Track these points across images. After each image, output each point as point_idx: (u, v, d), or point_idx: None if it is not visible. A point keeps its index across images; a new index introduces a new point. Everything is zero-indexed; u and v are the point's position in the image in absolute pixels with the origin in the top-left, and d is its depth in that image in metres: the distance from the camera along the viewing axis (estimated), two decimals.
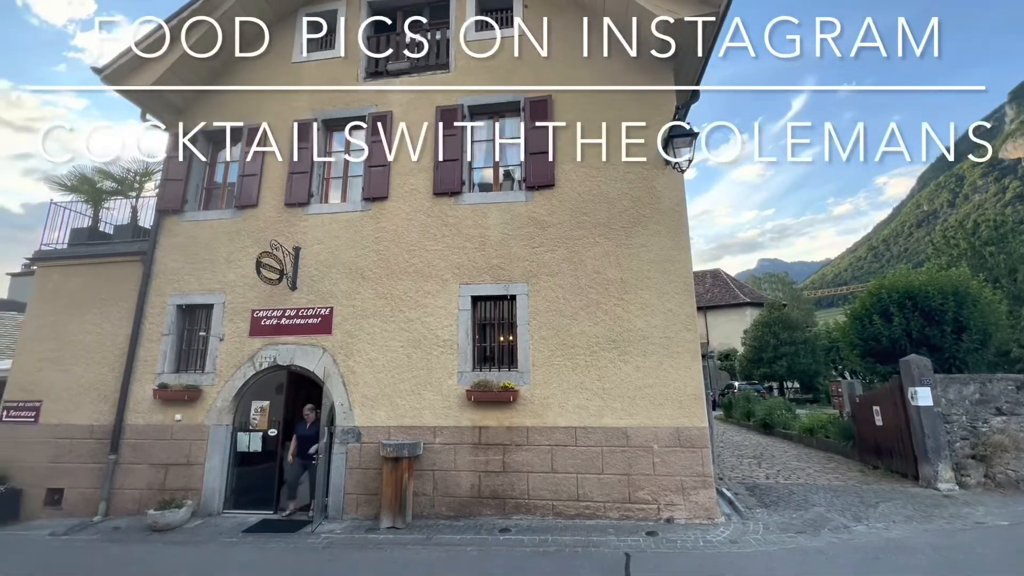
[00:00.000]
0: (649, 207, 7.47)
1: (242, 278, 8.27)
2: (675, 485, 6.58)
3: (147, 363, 8.18)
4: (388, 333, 7.69)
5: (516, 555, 5.45)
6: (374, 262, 8.00)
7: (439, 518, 6.89)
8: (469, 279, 7.69)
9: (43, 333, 8.64)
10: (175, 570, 5.30)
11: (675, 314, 7.08)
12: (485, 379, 7.22)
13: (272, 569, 5.22)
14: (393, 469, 6.79)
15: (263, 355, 7.92)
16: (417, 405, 7.37)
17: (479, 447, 7.09)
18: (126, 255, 8.75)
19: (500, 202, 7.90)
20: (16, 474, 7.98)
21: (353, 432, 7.41)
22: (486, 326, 7.71)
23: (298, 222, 8.39)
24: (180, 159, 8.92)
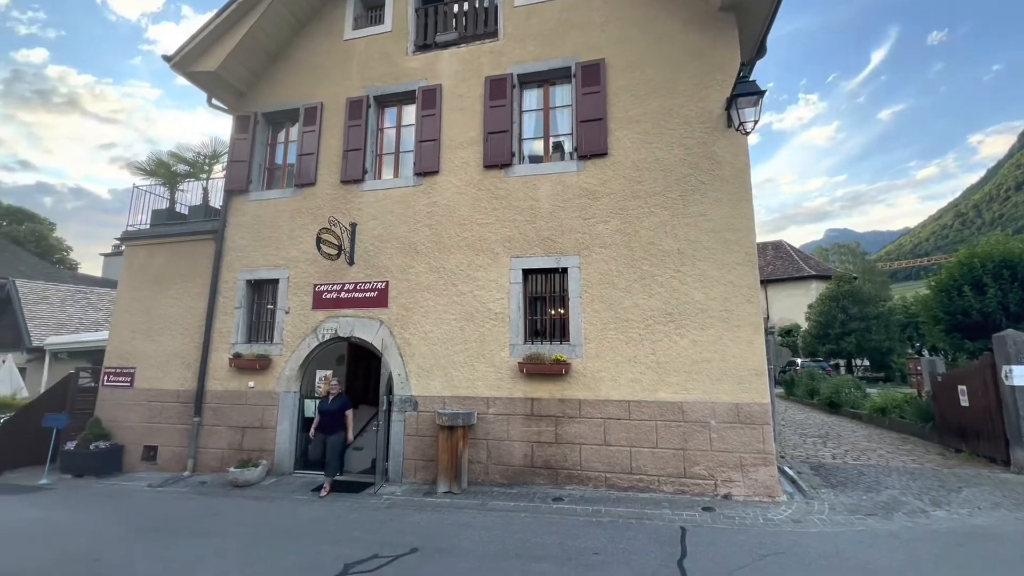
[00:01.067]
0: (709, 174, 7.08)
1: (304, 254, 8.65)
2: (733, 461, 6.40)
3: (222, 334, 8.81)
4: (441, 306, 7.84)
5: (569, 523, 5.52)
6: (427, 237, 8.12)
7: (493, 485, 7.09)
8: (520, 252, 7.66)
9: (133, 306, 9.49)
10: (256, 522, 5.78)
11: (736, 286, 6.74)
12: (537, 352, 7.24)
13: (340, 525, 5.58)
14: (448, 437, 7.01)
15: (325, 327, 8.31)
16: (470, 376, 7.52)
17: (532, 418, 7.18)
18: (200, 234, 9.37)
19: (551, 173, 7.75)
20: (118, 432, 8.93)
21: (410, 401, 7.69)
22: (537, 299, 7.69)
23: (354, 199, 8.62)
24: (243, 140, 9.34)
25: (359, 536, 5.14)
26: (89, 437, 8.62)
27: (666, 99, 7.42)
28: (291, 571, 4.26)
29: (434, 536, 5.12)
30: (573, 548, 4.73)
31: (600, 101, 7.61)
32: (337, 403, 7.34)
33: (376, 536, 5.14)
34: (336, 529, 5.42)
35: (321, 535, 5.21)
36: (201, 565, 4.44)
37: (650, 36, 7.65)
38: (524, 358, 7.24)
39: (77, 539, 5.23)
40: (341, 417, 7.28)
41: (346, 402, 7.40)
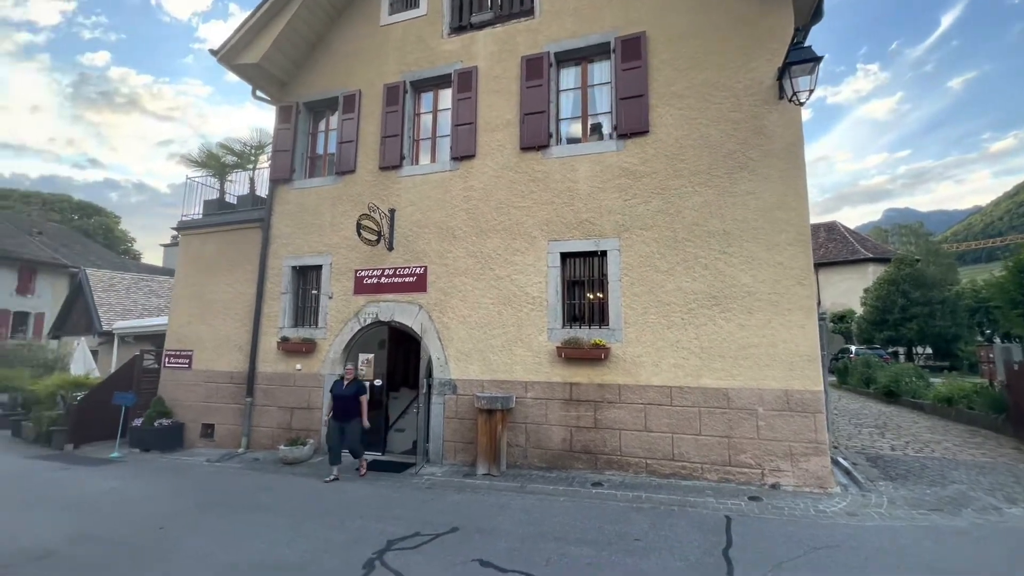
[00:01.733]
0: (758, 149, 6.70)
1: (345, 240, 8.84)
2: (782, 450, 6.13)
3: (271, 318, 9.16)
4: (479, 291, 7.85)
5: (609, 508, 5.45)
6: (464, 221, 8.11)
7: (532, 468, 7.10)
8: (558, 235, 7.53)
9: (189, 292, 10.00)
10: (305, 498, 6.02)
11: (787, 268, 6.40)
12: (575, 336, 7.14)
13: (383, 503, 5.73)
14: (487, 420, 7.05)
15: (366, 311, 8.50)
16: (508, 360, 7.51)
17: (570, 403, 7.11)
18: (247, 222, 9.73)
19: (589, 153, 7.54)
20: (178, 411, 9.51)
21: (449, 384, 7.77)
22: (575, 283, 7.57)
23: (392, 185, 8.70)
24: (286, 130, 9.58)
25: (401, 514, 5.26)
26: (153, 415, 9.22)
27: (712, 72, 7.04)
28: (338, 545, 4.41)
29: (474, 516, 5.18)
30: (613, 533, 4.67)
31: (641, 76, 7.31)
32: (352, 388, 7.12)
33: (417, 514, 5.25)
34: (379, 507, 5.57)
35: (365, 512, 5.37)
36: (255, 538, 4.66)
37: (694, 5, 7.26)
38: (562, 342, 7.16)
39: (144, 508, 5.61)
40: (356, 403, 7.08)
41: (361, 387, 7.20)
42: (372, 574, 3.78)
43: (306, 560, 4.09)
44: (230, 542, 4.52)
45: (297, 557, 4.17)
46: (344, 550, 4.29)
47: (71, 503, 5.80)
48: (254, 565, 4.01)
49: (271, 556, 4.19)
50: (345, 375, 7.29)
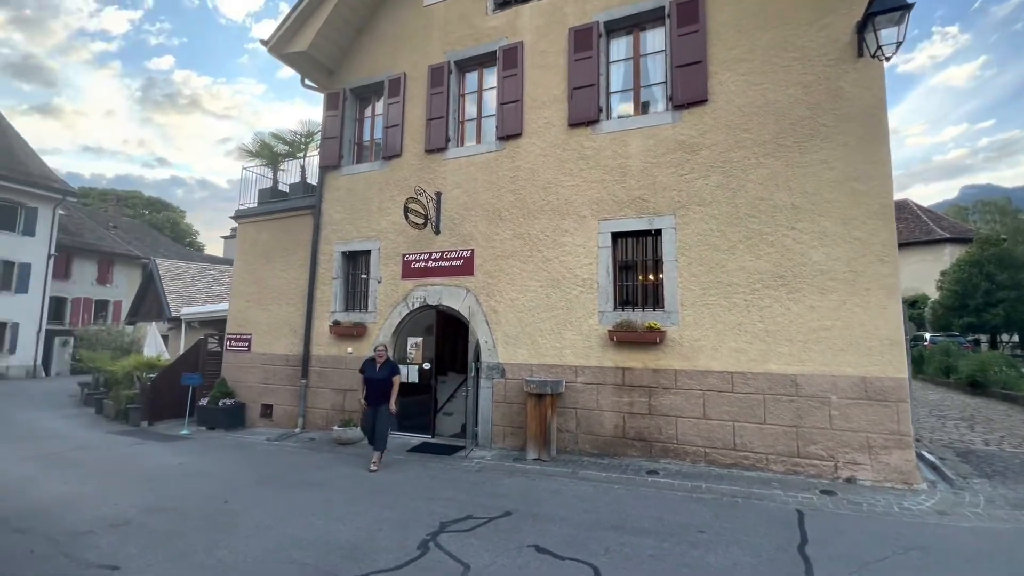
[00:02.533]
0: (832, 114, 6.11)
1: (392, 225, 8.86)
2: (859, 442, 5.64)
3: (323, 303, 9.37)
4: (527, 273, 7.67)
5: (668, 498, 5.20)
6: (510, 202, 7.93)
7: (583, 455, 6.92)
8: (609, 214, 7.22)
9: (247, 278, 10.39)
10: (358, 477, 6.10)
11: (866, 244, 5.83)
12: (628, 319, 6.85)
13: (434, 484, 5.72)
14: (537, 405, 6.91)
15: (414, 296, 8.52)
16: (558, 344, 7.32)
17: (623, 388, 6.85)
18: (299, 209, 9.95)
19: (643, 127, 7.15)
20: (240, 391, 9.95)
21: (497, 368, 7.68)
22: (628, 264, 7.25)
23: (438, 167, 8.62)
24: (334, 117, 9.69)
25: (453, 496, 5.22)
26: (217, 395, 9.68)
27: (779, 31, 6.47)
28: (392, 524, 4.40)
29: (527, 501, 5.06)
30: (674, 523, 4.43)
31: (699, 41, 6.82)
32: (385, 370, 6.62)
33: (469, 497, 5.19)
34: (431, 488, 5.55)
35: (417, 493, 5.37)
36: (312, 514, 4.73)
37: None
38: (614, 326, 6.89)
39: (210, 483, 5.85)
40: (389, 386, 6.59)
41: (394, 368, 6.71)
42: (427, 555, 3.73)
43: (360, 538, 4.11)
44: (289, 516, 4.62)
45: (352, 534, 4.19)
46: (398, 529, 4.28)
47: (145, 475, 6.14)
48: (312, 541, 4.06)
49: (328, 532, 4.23)
50: (376, 355, 6.75)
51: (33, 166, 22.65)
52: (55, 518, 4.57)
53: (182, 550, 3.88)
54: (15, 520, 4.51)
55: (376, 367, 6.67)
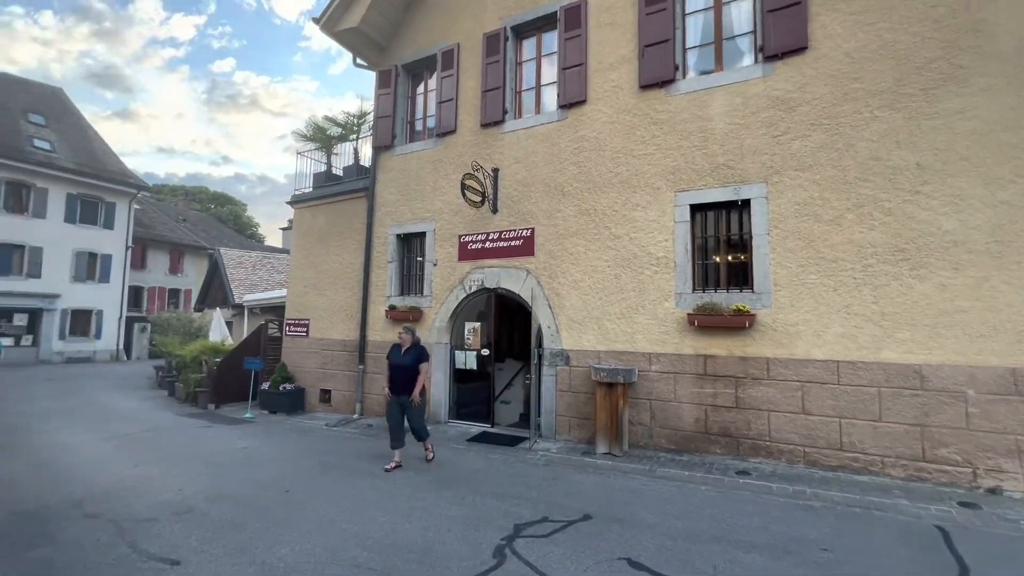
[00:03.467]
0: (972, 52, 5.07)
1: (447, 205, 8.47)
2: (1005, 446, 4.71)
3: (378, 287, 9.16)
4: (593, 252, 7.07)
5: (768, 504, 4.53)
6: (574, 176, 7.32)
7: (658, 450, 6.30)
8: (687, 185, 6.47)
9: (304, 263, 10.37)
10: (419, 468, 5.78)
11: (1016, 208, 4.82)
12: (711, 302, 6.11)
13: (501, 479, 5.31)
14: (607, 395, 6.35)
15: (471, 278, 8.11)
16: (628, 329, 6.70)
17: (704, 378, 6.16)
18: (353, 192, 9.76)
19: (727, 84, 6.32)
20: (299, 376, 9.97)
21: (561, 355, 7.16)
22: (710, 239, 6.49)
23: (494, 142, 8.12)
24: (386, 96, 9.37)
25: (523, 493, 4.77)
26: (278, 380, 9.74)
27: None
28: (461, 524, 4.01)
29: (605, 502, 4.54)
30: (786, 537, 3.77)
31: None
32: (411, 356, 5.85)
33: (541, 495, 4.73)
34: (498, 483, 5.14)
35: (483, 488, 4.96)
36: (375, 507, 4.43)
37: None
38: (695, 308, 6.18)
39: (272, 469, 5.70)
40: (415, 374, 5.79)
41: (421, 354, 5.93)
42: (505, 565, 3.29)
43: (429, 539, 3.73)
44: (351, 509, 4.32)
45: (419, 534, 3.82)
46: (469, 530, 3.87)
47: (210, 460, 6.09)
48: (377, 540, 3.72)
49: (393, 531, 3.88)
50: (401, 339, 5.97)
51: (111, 163, 24.11)
52: (123, 503, 4.49)
53: (243, 545, 3.64)
54: (88, 503, 4.47)
55: (401, 352, 5.89)
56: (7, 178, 19.95)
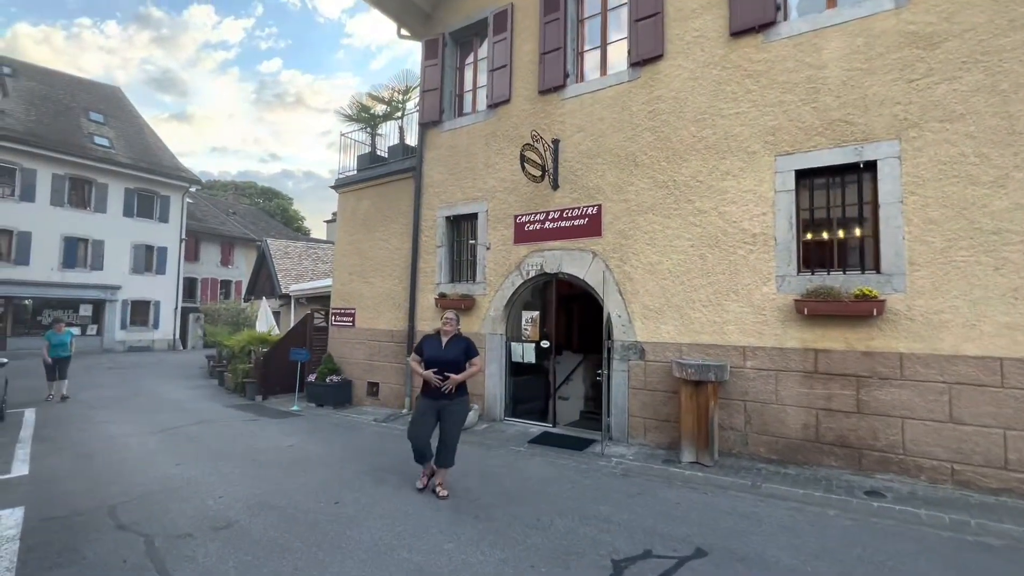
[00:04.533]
0: None
1: (501, 183, 7.71)
2: None
3: (427, 274, 8.54)
4: (672, 230, 6.14)
5: (924, 538, 3.56)
6: (648, 143, 6.39)
7: (756, 460, 5.37)
8: (791, 146, 5.43)
9: (348, 250, 9.89)
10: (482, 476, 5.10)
11: None
12: (825, 285, 5.10)
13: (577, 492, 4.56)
14: (694, 394, 5.46)
15: (529, 263, 7.34)
16: (717, 319, 5.76)
17: (815, 377, 5.17)
18: (399, 173, 9.16)
19: (844, 21, 5.22)
20: (345, 368, 9.54)
21: (634, 348, 6.30)
22: (819, 211, 5.45)
23: (554, 110, 7.27)
24: (433, 67, 8.67)
25: (610, 515, 3.99)
26: (325, 371, 9.34)
27: None
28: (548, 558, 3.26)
29: (715, 530, 3.69)
30: None
31: None
32: (456, 348, 4.48)
33: (633, 518, 3.93)
34: (574, 498, 4.38)
35: (563, 505, 4.21)
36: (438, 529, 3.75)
37: None
38: (804, 293, 5.18)
39: (320, 473, 5.16)
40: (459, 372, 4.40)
41: (471, 346, 4.58)
42: None
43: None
44: (411, 533, 3.67)
45: (494, 569, 3.11)
46: (557, 567, 3.13)
47: (255, 460, 5.63)
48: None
49: (464, 564, 3.19)
50: (443, 327, 4.61)
51: (164, 159, 24.77)
52: (159, 511, 4.02)
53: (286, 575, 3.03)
54: (122, 510, 4.02)
55: (442, 344, 4.51)
56: (71, 174, 20.72)
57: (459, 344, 4.56)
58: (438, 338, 4.59)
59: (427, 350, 4.58)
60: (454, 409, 4.45)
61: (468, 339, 4.69)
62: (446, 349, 4.51)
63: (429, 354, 4.53)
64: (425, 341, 4.72)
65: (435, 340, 4.60)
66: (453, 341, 4.57)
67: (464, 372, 4.44)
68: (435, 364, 4.43)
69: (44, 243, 19.73)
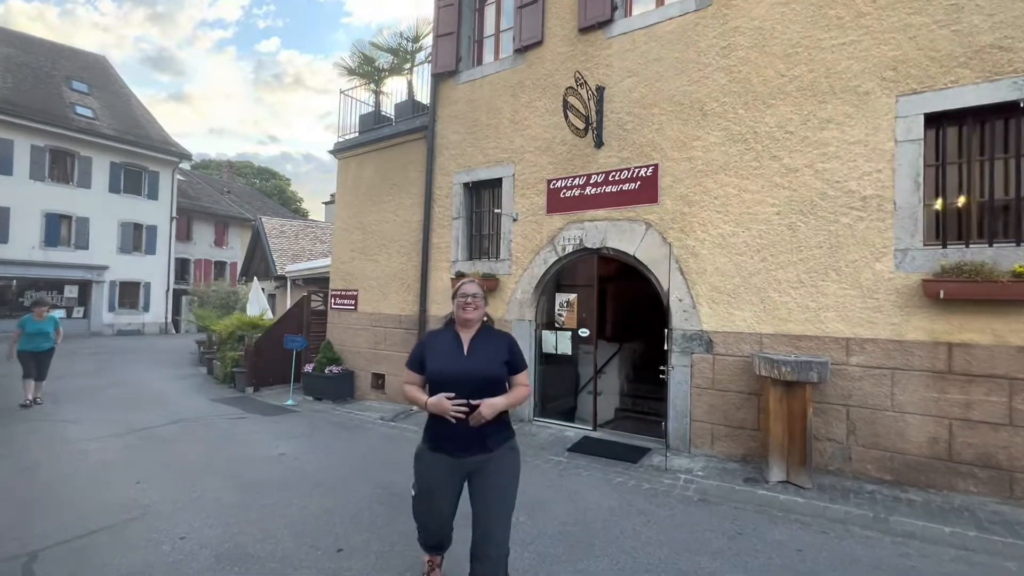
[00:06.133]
0: None
1: (531, 142, 6.51)
2: None
3: (440, 250, 7.37)
4: (751, 194, 4.97)
5: None
6: (721, 87, 5.17)
7: (861, 479, 4.29)
8: (920, 83, 4.23)
9: (350, 224, 8.70)
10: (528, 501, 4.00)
11: None
12: (967, 261, 3.95)
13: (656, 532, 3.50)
14: (784, 398, 4.35)
15: (565, 236, 6.17)
16: (810, 303, 4.63)
17: (947, 378, 4.05)
18: (407, 134, 7.94)
19: None
20: (347, 356, 8.43)
21: (699, 339, 5.18)
22: (955, 167, 4.27)
23: (598, 52, 6.03)
24: (449, 7, 7.38)
25: (717, 572, 2.89)
26: (324, 361, 8.23)
27: None
28: None
29: None
30: None
31: None
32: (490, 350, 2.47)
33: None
34: (658, 541, 3.28)
35: (645, 555, 3.11)
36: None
37: None
38: (939, 272, 4.03)
39: (317, 499, 4.07)
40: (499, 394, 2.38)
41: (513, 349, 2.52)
42: None
43: None
44: None
45: None
46: None
47: (238, 475, 4.54)
48: None
49: None
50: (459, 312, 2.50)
51: (153, 132, 23.35)
52: (94, 565, 2.92)
53: None
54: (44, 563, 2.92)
55: (462, 345, 2.48)
56: (52, 145, 19.35)
57: (493, 344, 2.47)
58: (453, 334, 2.49)
59: (434, 358, 2.43)
60: (498, 469, 2.37)
61: (507, 336, 2.59)
62: (471, 356, 2.42)
63: (439, 366, 2.40)
64: (429, 342, 2.53)
65: (447, 338, 2.49)
66: (481, 339, 2.47)
67: (505, 396, 2.37)
68: (451, 384, 2.33)
69: (24, 220, 18.45)
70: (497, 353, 2.43)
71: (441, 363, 2.38)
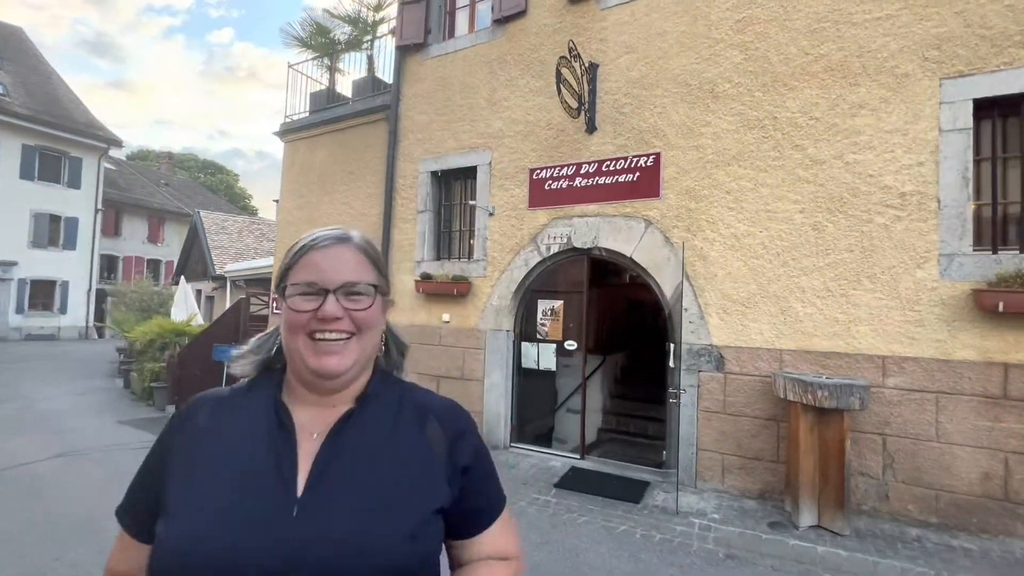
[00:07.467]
0: None
1: (512, 125, 5.67)
2: None
3: (403, 248, 6.40)
4: (769, 188, 4.32)
5: None
6: (735, 66, 4.52)
7: (901, 522, 3.67)
8: (968, 64, 3.70)
9: (297, 216, 7.55)
10: None
11: None
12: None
13: None
14: (816, 426, 3.68)
15: (551, 234, 5.35)
16: (839, 315, 4.00)
17: (1001, 404, 3.50)
18: (367, 114, 6.92)
19: None
20: None
21: (708, 354, 4.47)
22: (1008, 161, 3.76)
23: (590, 24, 5.28)
24: None
25: None
26: None
27: None
28: None
29: None
30: None
31: None
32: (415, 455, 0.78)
33: None
34: None
35: None
36: None
37: None
38: (993, 281, 3.47)
39: None
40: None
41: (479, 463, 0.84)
42: None
43: None
44: None
45: None
46: None
47: None
48: None
49: None
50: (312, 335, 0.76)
51: (77, 114, 20.95)
52: None
53: None
54: None
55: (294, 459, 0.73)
56: None
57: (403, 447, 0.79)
58: (271, 417, 0.79)
59: (193, 497, 0.71)
60: None
61: (459, 416, 0.87)
62: (319, 491, 0.71)
63: (202, 526, 0.67)
64: (189, 444, 0.78)
65: (250, 432, 0.77)
66: (365, 432, 0.78)
67: None
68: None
69: None
70: (417, 474, 0.78)
71: (211, 517, 0.68)
